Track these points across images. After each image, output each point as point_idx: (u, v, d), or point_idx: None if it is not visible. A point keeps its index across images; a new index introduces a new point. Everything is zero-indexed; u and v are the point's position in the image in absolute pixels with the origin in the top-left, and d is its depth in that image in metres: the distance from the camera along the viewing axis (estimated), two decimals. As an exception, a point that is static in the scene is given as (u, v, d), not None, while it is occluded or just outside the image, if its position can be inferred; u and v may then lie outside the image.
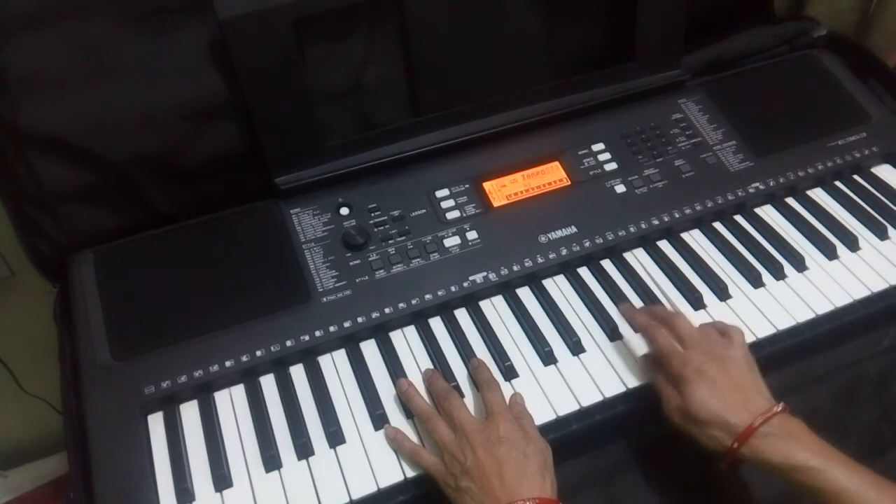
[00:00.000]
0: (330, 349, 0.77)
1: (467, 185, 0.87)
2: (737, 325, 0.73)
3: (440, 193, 0.86)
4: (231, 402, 0.73)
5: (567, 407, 0.72)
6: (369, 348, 0.77)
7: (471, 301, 0.81)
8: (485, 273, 0.81)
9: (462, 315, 0.80)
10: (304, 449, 0.69)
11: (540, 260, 0.82)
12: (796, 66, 1.04)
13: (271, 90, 0.79)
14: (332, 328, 0.76)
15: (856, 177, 0.94)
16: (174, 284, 0.79)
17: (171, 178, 0.84)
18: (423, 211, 0.85)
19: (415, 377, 0.74)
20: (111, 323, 0.76)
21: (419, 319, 0.79)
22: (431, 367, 0.75)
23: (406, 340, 0.78)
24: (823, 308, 0.79)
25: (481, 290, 0.80)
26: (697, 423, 0.64)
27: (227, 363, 0.73)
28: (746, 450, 0.62)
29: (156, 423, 0.72)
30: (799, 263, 0.83)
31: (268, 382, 0.75)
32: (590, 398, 0.72)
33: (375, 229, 0.83)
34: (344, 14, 0.79)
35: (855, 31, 1.14)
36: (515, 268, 0.81)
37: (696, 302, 0.80)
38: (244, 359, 0.74)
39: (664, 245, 0.87)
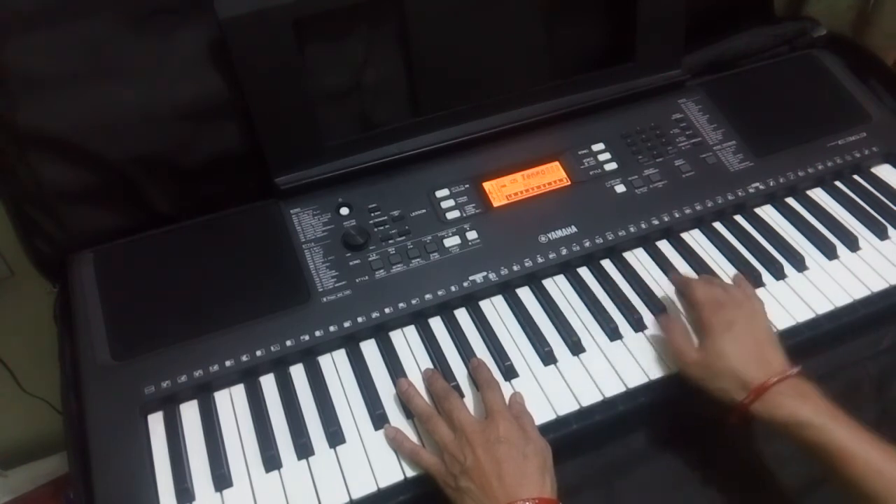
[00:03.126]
0: (330, 349, 0.77)
1: (467, 185, 0.87)
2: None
3: (440, 193, 0.86)
4: (231, 402, 0.73)
5: (567, 407, 0.72)
6: (369, 348, 0.77)
7: (471, 301, 0.81)
8: (485, 273, 0.81)
9: (462, 315, 0.80)
10: (304, 449, 0.69)
11: (540, 260, 0.82)
12: (796, 66, 1.04)
13: (271, 90, 0.79)
14: (332, 328, 0.76)
15: (856, 177, 0.94)
16: (174, 284, 0.78)
17: (171, 178, 0.84)
18: (423, 211, 0.85)
19: (415, 377, 0.74)
20: (111, 323, 0.76)
21: (419, 319, 0.79)
22: (431, 367, 0.75)
23: (406, 340, 0.78)
24: (823, 308, 0.79)
25: (481, 290, 0.80)
26: (713, 375, 0.66)
27: (227, 363, 0.73)
28: (757, 406, 0.63)
29: (156, 423, 0.72)
30: (799, 263, 0.83)
31: (268, 382, 0.75)
32: (590, 398, 0.72)
33: (375, 229, 0.83)
34: (344, 14, 0.79)
35: (853, 31, 1.14)
36: (515, 268, 0.81)
37: (696, 302, 0.80)
38: (244, 359, 0.74)
39: (664, 245, 0.87)
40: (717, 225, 0.89)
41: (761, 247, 0.86)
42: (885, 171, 0.95)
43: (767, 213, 0.90)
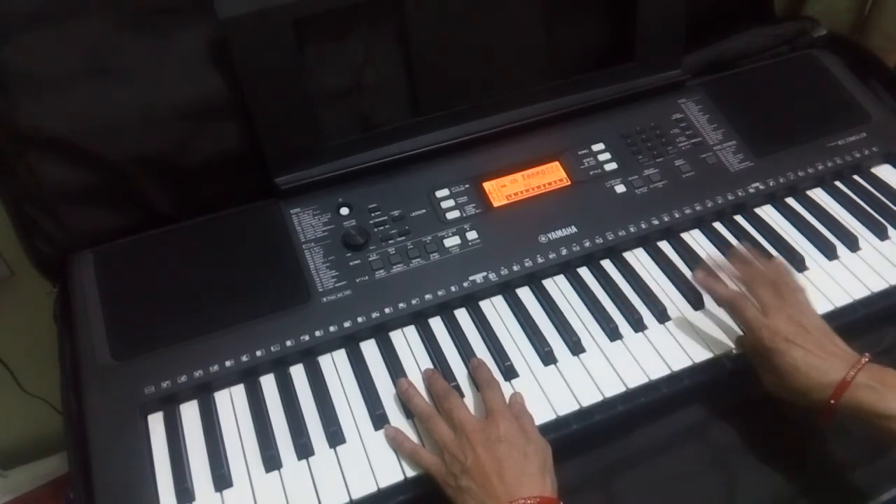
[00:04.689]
0: (330, 349, 0.77)
1: (467, 185, 0.87)
2: (802, 286, 0.74)
3: (440, 193, 0.86)
4: (231, 402, 0.73)
5: (567, 407, 0.72)
6: (369, 348, 0.77)
7: (471, 301, 0.81)
8: (485, 273, 0.81)
9: (462, 315, 0.80)
10: (304, 449, 0.69)
11: (540, 260, 0.82)
12: (796, 66, 1.04)
13: (271, 90, 0.79)
14: (332, 328, 0.76)
15: (856, 177, 0.94)
16: (174, 284, 0.78)
17: (172, 178, 0.84)
18: (423, 211, 0.85)
19: (415, 377, 0.74)
20: (111, 323, 0.76)
21: (419, 319, 0.79)
22: (431, 366, 0.75)
23: (406, 340, 0.78)
24: (823, 308, 0.79)
25: (481, 290, 0.80)
26: (795, 390, 0.66)
27: (227, 363, 0.73)
28: (842, 403, 0.64)
29: (156, 423, 0.72)
30: (799, 263, 0.83)
31: (268, 382, 0.75)
32: (590, 398, 0.72)
33: (375, 229, 0.83)
34: (344, 14, 0.79)
35: (852, 32, 1.14)
36: (515, 268, 0.81)
37: (697, 302, 0.80)
38: (244, 359, 0.74)
39: (664, 245, 0.87)
40: (717, 225, 0.89)
41: (761, 247, 0.85)
42: (885, 171, 0.95)
43: (767, 213, 0.90)
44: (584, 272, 0.84)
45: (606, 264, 0.84)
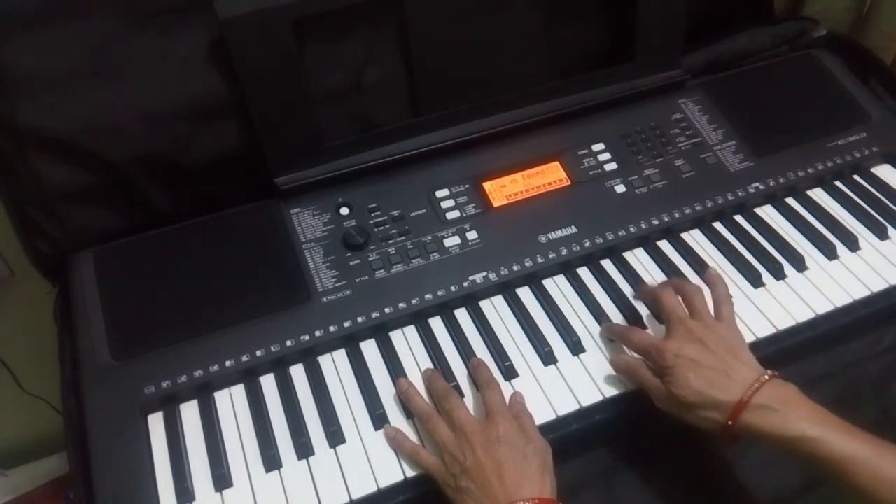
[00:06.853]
0: (330, 349, 0.77)
1: (467, 185, 0.87)
2: (729, 298, 0.73)
3: (440, 193, 0.86)
4: (231, 402, 0.73)
5: (567, 407, 0.72)
6: (369, 348, 0.77)
7: (471, 301, 0.81)
8: (485, 273, 0.81)
9: (462, 315, 0.80)
10: (304, 449, 0.69)
11: (540, 260, 0.82)
12: (796, 66, 1.04)
13: (271, 90, 0.79)
14: (332, 328, 0.76)
15: (856, 177, 0.94)
16: (174, 284, 0.78)
17: (172, 178, 0.84)
18: (423, 211, 0.85)
19: (415, 377, 0.74)
20: (111, 323, 0.76)
21: (419, 319, 0.79)
22: (431, 367, 0.75)
23: (406, 340, 0.78)
24: (823, 308, 0.79)
25: (481, 290, 0.80)
26: (689, 409, 0.64)
27: (227, 363, 0.73)
28: (741, 426, 0.62)
29: (156, 423, 0.72)
30: (799, 263, 0.83)
31: (268, 382, 0.75)
32: (590, 398, 0.72)
33: (375, 229, 0.83)
34: (344, 14, 0.79)
35: (851, 31, 1.14)
36: (515, 268, 0.81)
37: (696, 302, 0.80)
38: (244, 359, 0.74)
39: (664, 245, 0.87)
40: (717, 225, 0.89)
41: (761, 247, 0.86)
42: (885, 171, 0.95)
43: (767, 213, 0.90)
44: (583, 272, 0.84)
45: (606, 264, 0.84)
